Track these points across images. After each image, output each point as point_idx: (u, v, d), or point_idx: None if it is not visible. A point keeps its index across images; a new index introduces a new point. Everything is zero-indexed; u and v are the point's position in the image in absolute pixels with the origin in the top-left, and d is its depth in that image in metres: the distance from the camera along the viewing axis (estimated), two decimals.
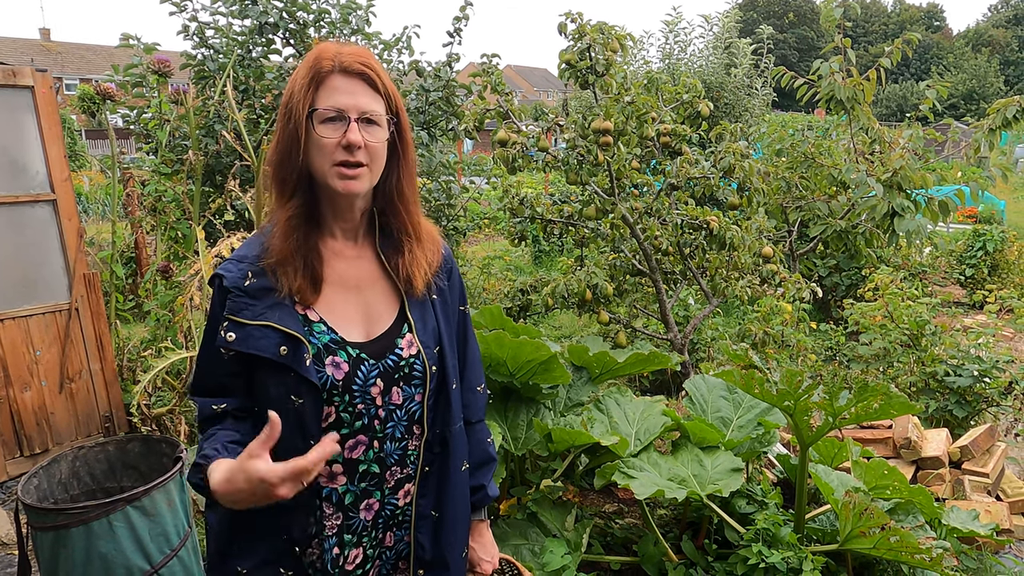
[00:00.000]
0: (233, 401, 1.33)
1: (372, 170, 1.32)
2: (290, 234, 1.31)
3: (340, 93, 1.29)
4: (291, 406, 1.28)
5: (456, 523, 1.52)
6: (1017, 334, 7.16)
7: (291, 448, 1.29)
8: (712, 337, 5.69)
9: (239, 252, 1.35)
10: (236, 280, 1.30)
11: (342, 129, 1.28)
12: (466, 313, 1.59)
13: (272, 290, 1.30)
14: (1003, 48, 60.73)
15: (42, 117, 3.67)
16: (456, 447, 1.49)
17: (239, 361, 1.30)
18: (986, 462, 3.76)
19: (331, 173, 1.29)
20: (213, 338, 1.30)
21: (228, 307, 1.29)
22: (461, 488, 1.52)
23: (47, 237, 3.78)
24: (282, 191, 1.34)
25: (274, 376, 1.28)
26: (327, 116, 1.28)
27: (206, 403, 1.33)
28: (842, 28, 5.16)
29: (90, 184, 14.69)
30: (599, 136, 4.17)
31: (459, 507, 1.52)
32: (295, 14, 5.15)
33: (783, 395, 2.47)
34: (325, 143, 1.28)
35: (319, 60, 1.30)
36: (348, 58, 1.30)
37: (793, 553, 2.48)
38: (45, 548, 2.36)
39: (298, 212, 1.33)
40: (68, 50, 41.72)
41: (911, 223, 4.57)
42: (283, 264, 1.31)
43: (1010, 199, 17.49)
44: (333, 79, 1.29)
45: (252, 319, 1.28)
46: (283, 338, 1.27)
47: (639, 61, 11.50)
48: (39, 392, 3.80)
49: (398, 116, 1.36)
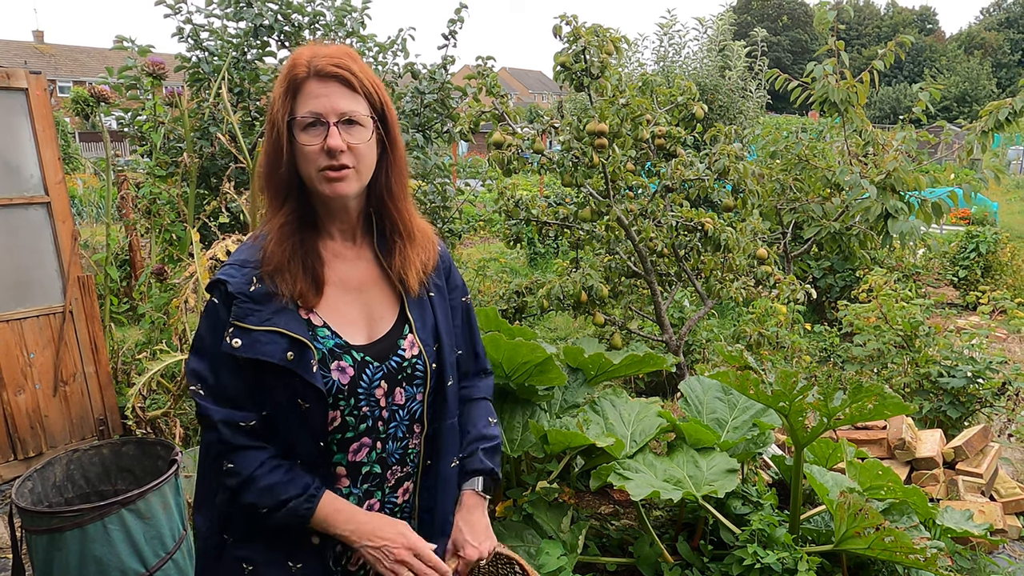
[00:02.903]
0: (254, 416, 1.31)
1: (360, 171, 1.32)
2: (286, 239, 1.31)
3: (316, 98, 1.28)
4: (298, 410, 1.29)
5: (445, 518, 1.52)
6: (1010, 335, 7.19)
7: (299, 450, 1.33)
8: (707, 338, 5.70)
9: (239, 257, 1.34)
10: (241, 285, 1.30)
11: (323, 134, 1.27)
12: (469, 304, 1.60)
13: (276, 295, 1.30)
14: (995, 51, 61.00)
15: (36, 119, 3.66)
16: (447, 443, 1.50)
17: (245, 368, 1.29)
18: (980, 462, 3.77)
19: (318, 178, 1.29)
20: (219, 345, 1.29)
21: (234, 313, 1.28)
22: (450, 482, 1.52)
23: (41, 239, 3.76)
24: (274, 199, 1.34)
25: (280, 381, 1.28)
26: (307, 123, 1.28)
27: (228, 415, 1.29)
28: (835, 31, 5.18)
29: (84, 187, 14.64)
30: (594, 138, 4.18)
31: (448, 502, 1.52)
32: (290, 16, 5.14)
33: (778, 396, 2.48)
34: (308, 151, 1.28)
35: (294, 67, 1.30)
36: (322, 61, 1.28)
37: (788, 554, 2.49)
38: (39, 551, 2.35)
39: (292, 218, 1.33)
40: (62, 52, 41.61)
41: (904, 225, 4.59)
42: (281, 270, 1.30)
43: (1003, 201, 17.58)
44: (309, 85, 1.29)
45: (258, 325, 1.27)
46: (290, 343, 1.27)
47: (634, 63, 11.53)
48: (33, 395, 3.78)
49: (383, 113, 1.35)
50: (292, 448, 1.33)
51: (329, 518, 1.31)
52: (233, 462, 1.30)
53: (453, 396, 1.50)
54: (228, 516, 1.37)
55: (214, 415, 1.29)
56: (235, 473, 1.29)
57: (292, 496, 1.29)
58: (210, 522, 1.39)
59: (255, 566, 1.35)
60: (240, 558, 1.36)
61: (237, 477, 1.29)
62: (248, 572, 1.36)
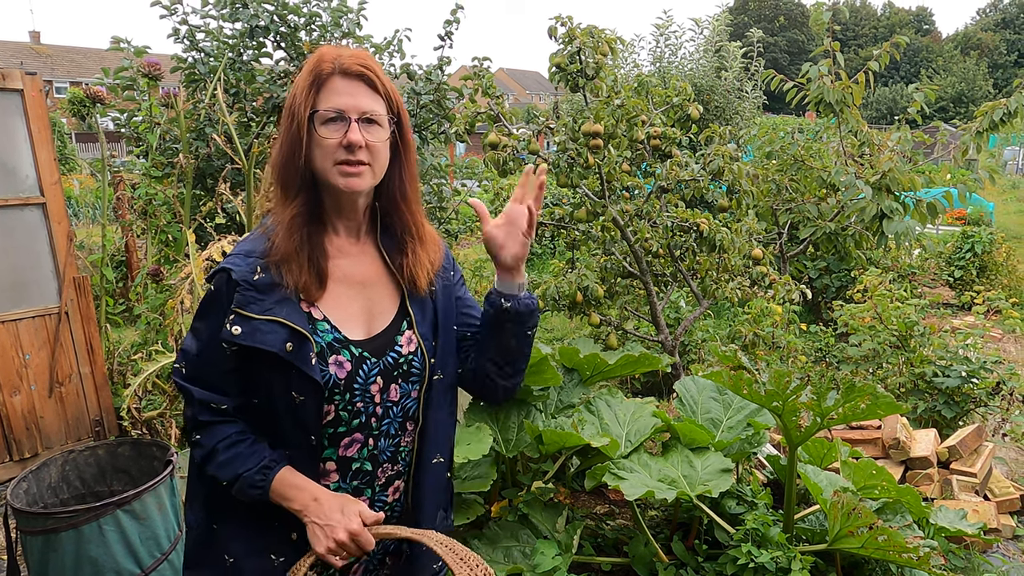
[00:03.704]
0: (231, 401, 1.36)
1: (374, 169, 1.35)
2: (294, 231, 1.33)
3: (340, 94, 1.32)
4: (292, 403, 1.31)
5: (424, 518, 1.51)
6: (1005, 335, 7.21)
7: (289, 441, 1.34)
8: (703, 339, 5.71)
9: (244, 247, 1.36)
10: (245, 274, 1.31)
11: (343, 129, 1.30)
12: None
13: (279, 286, 1.32)
14: (991, 51, 61.14)
15: (31, 120, 3.66)
16: (437, 435, 1.50)
17: (239, 357, 1.31)
18: (974, 462, 3.79)
19: (333, 171, 1.32)
20: (216, 331, 1.31)
21: (236, 300, 1.29)
22: (434, 478, 1.51)
23: (36, 240, 3.76)
24: (286, 191, 1.36)
25: (277, 372, 1.30)
26: (328, 117, 1.31)
27: (207, 396, 1.34)
28: (831, 31, 5.19)
29: (80, 187, 14.62)
30: (589, 139, 4.19)
31: (429, 498, 1.51)
32: (286, 17, 5.15)
33: (771, 396, 2.49)
34: (327, 143, 1.31)
35: (320, 63, 1.33)
36: (348, 60, 1.33)
37: (782, 553, 2.50)
38: (35, 553, 2.35)
39: (302, 210, 1.35)
40: (58, 53, 41.54)
41: (900, 225, 4.60)
42: (287, 261, 1.32)
43: (999, 201, 17.62)
44: (333, 81, 1.32)
45: (260, 313, 1.29)
46: (290, 334, 1.29)
47: (630, 64, 11.53)
48: (28, 396, 3.78)
49: (399, 116, 1.39)
50: (282, 439, 1.35)
51: (286, 493, 1.32)
52: (200, 434, 1.35)
53: (449, 389, 1.51)
54: (210, 499, 1.41)
55: (195, 394, 1.34)
56: (200, 445, 1.35)
57: (247, 468, 1.32)
58: (199, 515, 1.42)
59: (236, 558, 1.38)
60: (223, 550, 1.38)
61: (202, 449, 1.35)
62: (230, 564, 1.38)
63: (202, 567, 1.42)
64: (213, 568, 1.40)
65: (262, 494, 1.32)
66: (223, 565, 1.38)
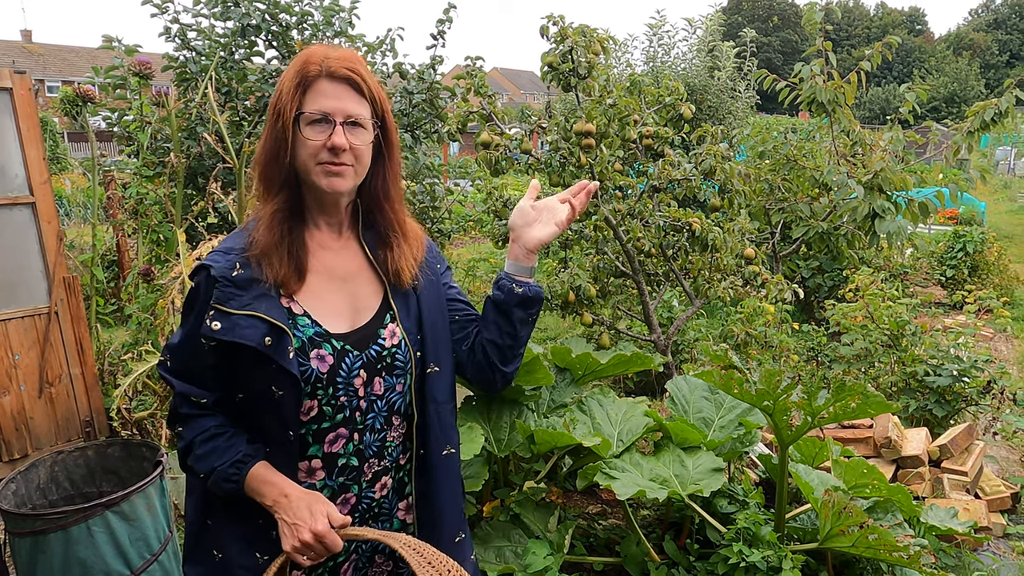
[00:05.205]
0: (211, 395, 1.37)
1: (357, 170, 1.36)
2: (275, 226, 1.35)
3: (326, 97, 1.32)
4: (272, 398, 1.31)
5: (444, 506, 1.52)
6: (996, 334, 7.24)
7: (271, 437, 1.35)
8: (695, 338, 5.71)
9: (225, 244, 1.38)
10: (224, 270, 1.32)
11: (327, 132, 1.32)
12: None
13: (258, 281, 1.33)
14: (984, 52, 61.41)
15: (20, 119, 3.64)
16: (438, 431, 1.50)
17: (219, 352, 1.32)
18: (965, 461, 3.80)
19: (316, 171, 1.33)
20: (196, 327, 1.32)
21: (215, 296, 1.31)
22: (444, 472, 1.52)
23: (26, 240, 3.74)
24: (268, 188, 1.37)
25: (257, 367, 1.30)
26: (313, 119, 1.32)
27: (188, 389, 1.36)
28: (824, 31, 5.20)
29: (72, 187, 14.56)
30: (581, 138, 4.19)
31: (445, 491, 1.52)
32: (278, 16, 5.13)
33: (762, 395, 2.49)
34: (311, 145, 1.32)
35: (307, 64, 1.34)
36: (335, 63, 1.33)
37: (773, 552, 2.50)
38: (23, 554, 2.33)
39: (284, 206, 1.36)
40: (50, 52, 41.34)
41: (892, 224, 4.62)
42: (267, 255, 1.33)
43: (990, 201, 17.69)
44: (320, 83, 1.33)
45: (238, 309, 1.30)
46: (268, 328, 1.30)
47: (623, 64, 11.53)
48: (18, 397, 3.76)
49: (384, 119, 1.40)
50: (264, 434, 1.36)
51: (259, 488, 1.33)
52: (181, 427, 1.39)
53: (434, 384, 1.49)
54: (204, 494, 1.42)
55: (177, 387, 1.37)
56: (181, 438, 1.37)
57: (223, 462, 1.33)
58: (195, 508, 1.44)
59: (224, 553, 1.39)
60: (214, 545, 1.40)
61: (182, 441, 1.37)
62: (218, 559, 1.39)
63: (196, 562, 1.44)
64: (204, 563, 1.41)
65: (236, 488, 1.33)
66: (213, 560, 1.39)
